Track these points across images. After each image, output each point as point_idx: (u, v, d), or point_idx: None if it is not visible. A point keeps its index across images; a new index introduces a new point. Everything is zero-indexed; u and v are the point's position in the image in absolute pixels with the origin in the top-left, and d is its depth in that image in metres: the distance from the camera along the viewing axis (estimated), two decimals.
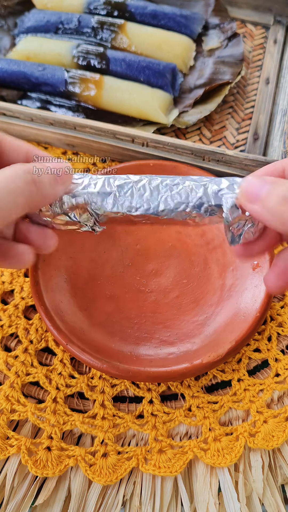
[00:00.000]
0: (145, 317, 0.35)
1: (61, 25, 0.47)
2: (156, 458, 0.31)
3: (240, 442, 0.32)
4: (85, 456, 0.31)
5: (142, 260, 0.38)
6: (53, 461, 0.31)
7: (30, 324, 0.36)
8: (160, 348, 0.34)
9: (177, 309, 0.36)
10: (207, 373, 0.34)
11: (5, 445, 0.31)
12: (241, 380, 0.34)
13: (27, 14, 0.49)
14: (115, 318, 0.35)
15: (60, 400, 0.33)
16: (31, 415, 0.32)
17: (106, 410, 0.33)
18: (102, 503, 0.30)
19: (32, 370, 0.34)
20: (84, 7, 0.48)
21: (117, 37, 0.46)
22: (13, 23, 0.49)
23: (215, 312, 0.35)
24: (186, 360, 0.32)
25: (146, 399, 0.33)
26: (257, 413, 0.33)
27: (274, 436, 0.32)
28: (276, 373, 0.34)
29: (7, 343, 0.35)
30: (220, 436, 0.32)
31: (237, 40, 0.47)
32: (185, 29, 0.47)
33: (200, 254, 0.37)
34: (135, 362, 0.32)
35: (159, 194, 0.26)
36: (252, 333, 0.32)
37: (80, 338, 0.33)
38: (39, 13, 0.48)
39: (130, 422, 0.32)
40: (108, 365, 0.31)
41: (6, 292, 0.37)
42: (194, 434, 0.33)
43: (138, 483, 0.31)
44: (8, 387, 0.33)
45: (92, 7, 0.48)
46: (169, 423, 0.33)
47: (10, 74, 0.44)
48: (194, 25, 0.48)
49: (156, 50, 0.46)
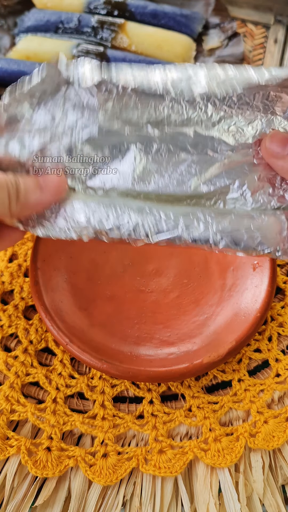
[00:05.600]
0: (145, 317, 0.35)
1: (61, 25, 0.47)
2: (156, 458, 0.31)
3: (240, 442, 0.31)
4: (85, 457, 0.31)
5: (142, 260, 0.37)
6: (53, 462, 0.31)
7: (30, 324, 0.36)
8: (160, 348, 0.34)
9: (177, 309, 0.36)
10: (207, 373, 0.34)
11: (5, 445, 0.31)
12: (242, 380, 0.34)
13: (27, 13, 0.49)
14: (115, 318, 0.35)
15: (60, 400, 0.33)
16: (31, 415, 0.32)
17: (106, 410, 0.33)
18: (102, 504, 0.30)
19: (32, 371, 0.34)
20: (84, 7, 0.48)
21: (117, 37, 0.46)
22: (13, 22, 0.49)
23: (215, 312, 0.35)
24: (186, 360, 0.32)
25: (146, 399, 0.33)
26: (258, 414, 0.33)
27: (275, 436, 0.32)
28: (277, 373, 0.34)
29: (7, 343, 0.35)
30: (221, 437, 0.32)
31: (238, 39, 0.47)
32: (186, 28, 0.47)
33: (200, 254, 0.37)
34: (135, 362, 0.32)
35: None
36: (253, 333, 0.32)
37: (80, 338, 0.33)
38: (39, 13, 0.48)
39: (130, 422, 0.32)
40: (108, 365, 0.31)
41: (6, 292, 0.37)
42: (195, 434, 0.33)
43: (138, 483, 0.31)
44: (8, 387, 0.33)
45: (92, 7, 0.48)
46: (169, 424, 0.32)
47: (10, 74, 0.44)
48: (195, 25, 0.48)
49: (156, 50, 0.46)
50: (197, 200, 0.27)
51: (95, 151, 0.27)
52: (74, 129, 0.27)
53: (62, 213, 0.27)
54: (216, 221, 0.26)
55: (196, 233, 0.26)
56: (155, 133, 0.26)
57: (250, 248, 0.26)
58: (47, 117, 0.27)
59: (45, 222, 0.27)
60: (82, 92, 0.26)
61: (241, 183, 0.26)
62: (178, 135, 0.26)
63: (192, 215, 0.26)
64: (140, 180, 0.27)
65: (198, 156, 0.26)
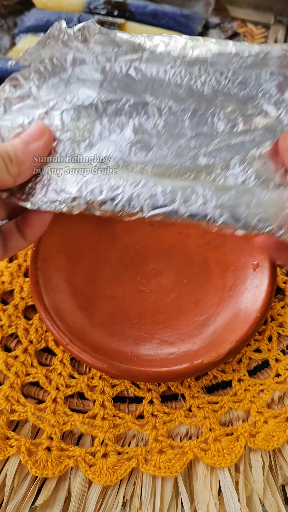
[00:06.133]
0: (145, 317, 0.35)
1: None
2: (156, 458, 0.31)
3: (240, 442, 0.31)
4: (85, 457, 0.31)
5: (142, 260, 0.37)
6: (53, 462, 0.31)
7: (30, 324, 0.36)
8: (161, 348, 0.34)
9: (178, 309, 0.36)
10: (207, 373, 0.34)
11: (5, 445, 0.31)
12: (242, 380, 0.34)
13: (27, 13, 0.49)
14: (115, 318, 0.35)
15: (60, 400, 0.33)
16: (31, 415, 0.32)
17: (106, 410, 0.33)
18: (102, 504, 0.30)
19: (32, 370, 0.34)
20: (84, 7, 0.48)
21: None
22: (13, 22, 0.49)
23: (215, 312, 0.35)
24: (186, 360, 0.32)
25: (146, 399, 0.33)
26: (258, 414, 0.33)
27: (275, 436, 0.32)
28: (277, 373, 0.34)
29: (7, 343, 0.35)
30: (221, 437, 0.32)
31: (238, 39, 0.47)
32: (186, 28, 0.47)
33: (200, 254, 0.37)
34: (135, 362, 0.32)
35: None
36: (253, 333, 0.32)
37: (80, 338, 0.33)
38: (39, 13, 0.48)
39: (130, 422, 0.32)
40: (108, 365, 0.31)
41: (6, 292, 0.37)
42: (195, 434, 0.33)
43: (138, 483, 0.31)
44: (8, 387, 0.33)
45: (92, 7, 0.48)
46: (169, 424, 0.32)
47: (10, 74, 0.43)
48: (195, 25, 0.48)
49: None
50: (196, 174, 0.26)
51: (91, 120, 0.27)
52: (75, 97, 0.27)
53: (54, 185, 0.26)
54: (217, 196, 0.25)
55: (194, 208, 0.25)
56: (156, 104, 0.26)
57: (251, 226, 0.24)
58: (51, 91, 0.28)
59: (35, 195, 0.26)
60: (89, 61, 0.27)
61: (242, 158, 0.26)
62: (180, 113, 0.26)
63: (191, 189, 0.25)
64: (138, 150, 0.26)
65: (198, 130, 0.26)
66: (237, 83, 0.26)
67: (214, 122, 0.26)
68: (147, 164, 0.26)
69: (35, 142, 0.26)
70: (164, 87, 0.26)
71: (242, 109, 0.26)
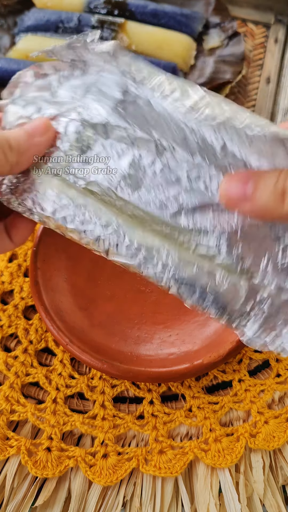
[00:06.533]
0: (145, 317, 0.35)
1: (61, 24, 0.47)
2: (156, 458, 0.31)
3: (240, 442, 0.31)
4: (85, 457, 0.31)
5: None
6: (53, 462, 0.31)
7: (30, 324, 0.36)
8: (161, 348, 0.34)
9: (178, 309, 0.36)
10: (207, 374, 0.34)
11: (5, 445, 0.31)
12: (242, 381, 0.34)
13: (27, 13, 0.49)
14: (116, 318, 0.35)
15: (60, 400, 0.33)
16: (31, 415, 0.32)
17: (106, 410, 0.33)
18: (102, 504, 0.30)
19: (32, 371, 0.34)
20: (84, 6, 0.48)
21: (117, 36, 0.46)
22: (13, 22, 0.49)
23: None
24: (186, 360, 0.32)
25: (147, 399, 0.33)
26: (258, 414, 0.33)
27: (275, 436, 0.32)
28: (277, 373, 0.34)
29: (6, 343, 0.35)
30: (221, 437, 0.32)
31: (238, 39, 0.47)
32: (186, 28, 0.47)
33: None
34: (135, 363, 0.32)
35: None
36: None
37: (80, 338, 0.33)
38: (39, 12, 0.48)
39: (131, 422, 0.32)
40: (108, 365, 0.31)
41: (5, 292, 0.37)
42: (195, 434, 0.33)
43: (138, 484, 0.31)
44: (7, 387, 0.33)
45: (92, 6, 0.48)
46: (169, 424, 0.32)
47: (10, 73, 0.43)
48: (195, 24, 0.48)
49: (156, 49, 0.46)
50: (171, 231, 0.25)
51: (93, 139, 0.26)
52: (87, 111, 0.26)
53: (34, 195, 0.26)
54: (177, 268, 0.24)
55: (151, 271, 0.25)
56: (164, 144, 0.25)
57: (198, 306, 0.25)
58: (69, 93, 0.27)
59: (14, 194, 0.27)
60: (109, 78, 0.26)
61: (221, 231, 0.24)
62: (183, 161, 0.25)
63: (155, 251, 0.25)
64: (126, 186, 0.25)
65: (194, 186, 0.25)
66: (252, 152, 0.23)
67: (211, 184, 0.24)
68: (129, 204, 0.25)
69: (39, 136, 0.26)
70: (179, 130, 0.25)
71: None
